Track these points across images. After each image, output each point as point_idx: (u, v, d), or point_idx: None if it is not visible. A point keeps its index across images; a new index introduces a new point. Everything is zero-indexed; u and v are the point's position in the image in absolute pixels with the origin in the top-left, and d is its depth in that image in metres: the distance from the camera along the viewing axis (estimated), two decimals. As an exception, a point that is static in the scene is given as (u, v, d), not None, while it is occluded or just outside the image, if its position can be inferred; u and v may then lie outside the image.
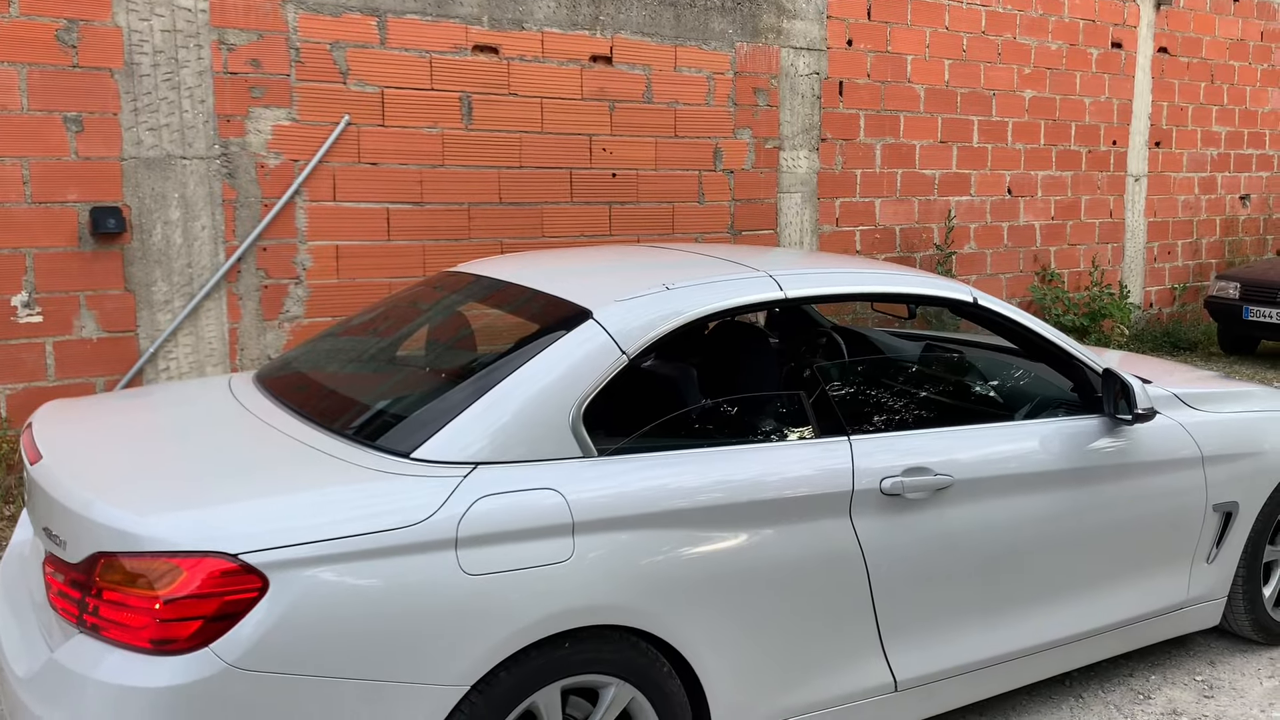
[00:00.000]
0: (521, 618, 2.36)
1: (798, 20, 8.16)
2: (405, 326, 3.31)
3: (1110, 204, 10.66)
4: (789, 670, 2.78)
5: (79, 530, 2.27)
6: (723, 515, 2.66)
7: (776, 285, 3.01)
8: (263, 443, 2.63)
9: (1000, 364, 3.58)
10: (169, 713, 2.11)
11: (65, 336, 5.71)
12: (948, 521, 3.00)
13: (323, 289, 6.41)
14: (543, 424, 2.56)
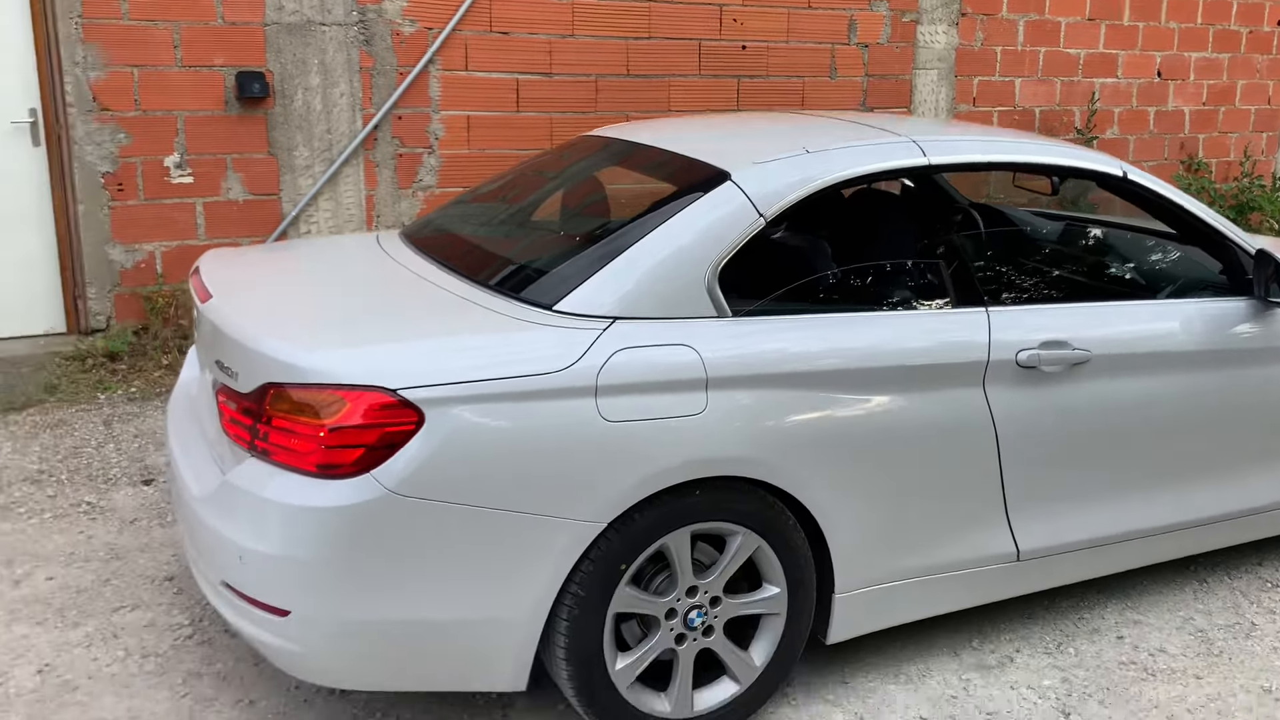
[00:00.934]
0: (656, 464, 2.45)
1: (943, -115, 7.76)
2: (543, 188, 3.38)
3: (1269, 90, 10.00)
4: (913, 533, 2.84)
5: (250, 363, 2.44)
6: (856, 379, 2.69)
7: (920, 151, 2.97)
8: (415, 291, 2.75)
9: (1144, 243, 3.47)
10: (334, 531, 2.28)
11: (214, 198, 5.96)
12: (1082, 397, 2.98)
13: (454, 159, 6.52)
14: (679, 283, 2.62)
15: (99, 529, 3.80)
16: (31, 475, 4.22)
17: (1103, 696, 2.94)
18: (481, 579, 2.37)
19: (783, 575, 2.68)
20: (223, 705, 2.83)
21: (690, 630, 2.63)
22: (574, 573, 2.43)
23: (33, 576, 3.46)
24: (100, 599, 3.34)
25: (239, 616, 2.45)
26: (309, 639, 2.36)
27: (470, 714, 2.80)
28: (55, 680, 2.92)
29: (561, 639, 2.47)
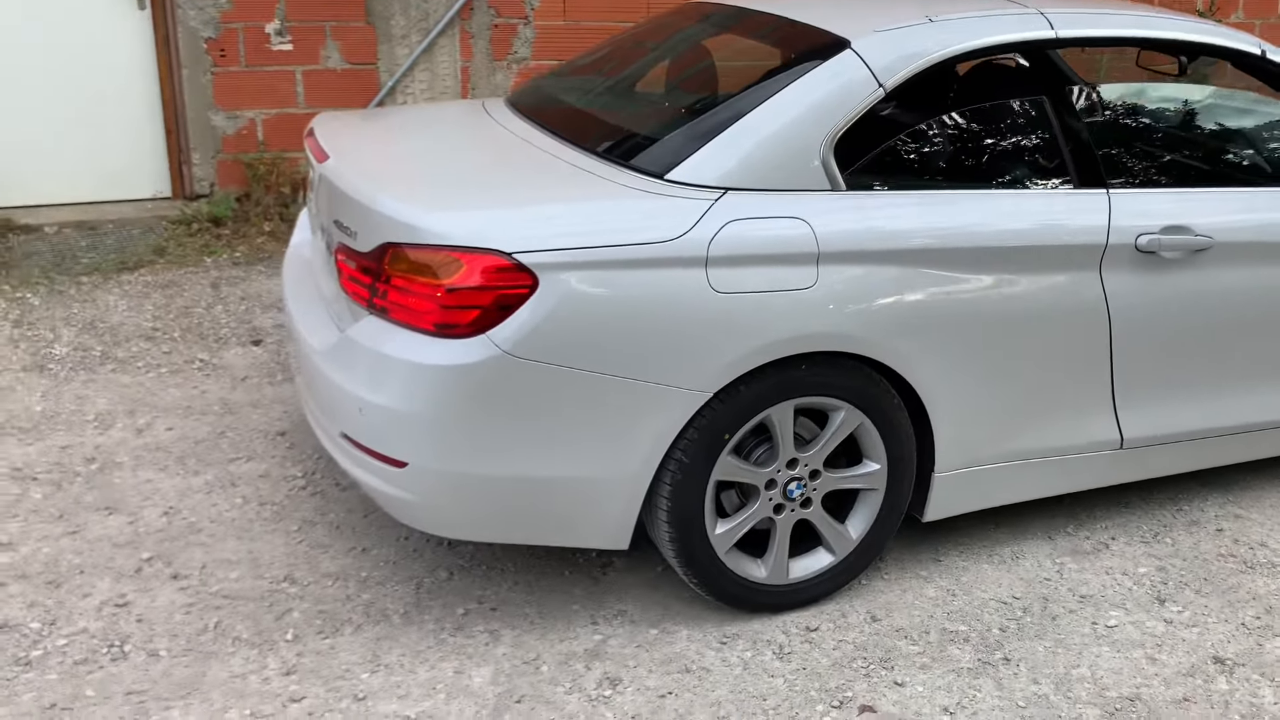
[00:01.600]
0: (763, 336, 2.46)
1: None
2: (649, 56, 3.33)
3: None
4: (1019, 416, 2.82)
5: (369, 222, 2.48)
6: (968, 258, 2.65)
7: (1048, 23, 2.85)
8: (526, 158, 2.76)
9: (1274, 126, 3.31)
10: (450, 388, 2.35)
11: (313, 66, 5.99)
12: (1202, 284, 2.90)
13: (549, 30, 6.43)
14: (793, 154, 2.58)
15: (212, 385, 3.96)
16: (146, 332, 4.39)
17: (1199, 586, 2.94)
18: (589, 440, 2.43)
19: (884, 451, 2.70)
20: (336, 552, 2.97)
21: (789, 501, 2.67)
22: (679, 439, 2.48)
23: (153, 426, 3.63)
24: (217, 450, 3.50)
25: (357, 466, 2.55)
26: (424, 489, 2.45)
27: (571, 570, 2.91)
28: (181, 522, 3.09)
29: (664, 502, 2.53)
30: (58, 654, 2.53)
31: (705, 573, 2.63)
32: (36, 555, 2.90)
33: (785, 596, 2.74)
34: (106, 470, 3.35)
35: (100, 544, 2.97)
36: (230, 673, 2.50)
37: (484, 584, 2.85)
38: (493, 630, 2.68)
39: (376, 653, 2.58)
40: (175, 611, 2.70)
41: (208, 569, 2.88)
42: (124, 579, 2.82)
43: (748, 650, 2.62)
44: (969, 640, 2.69)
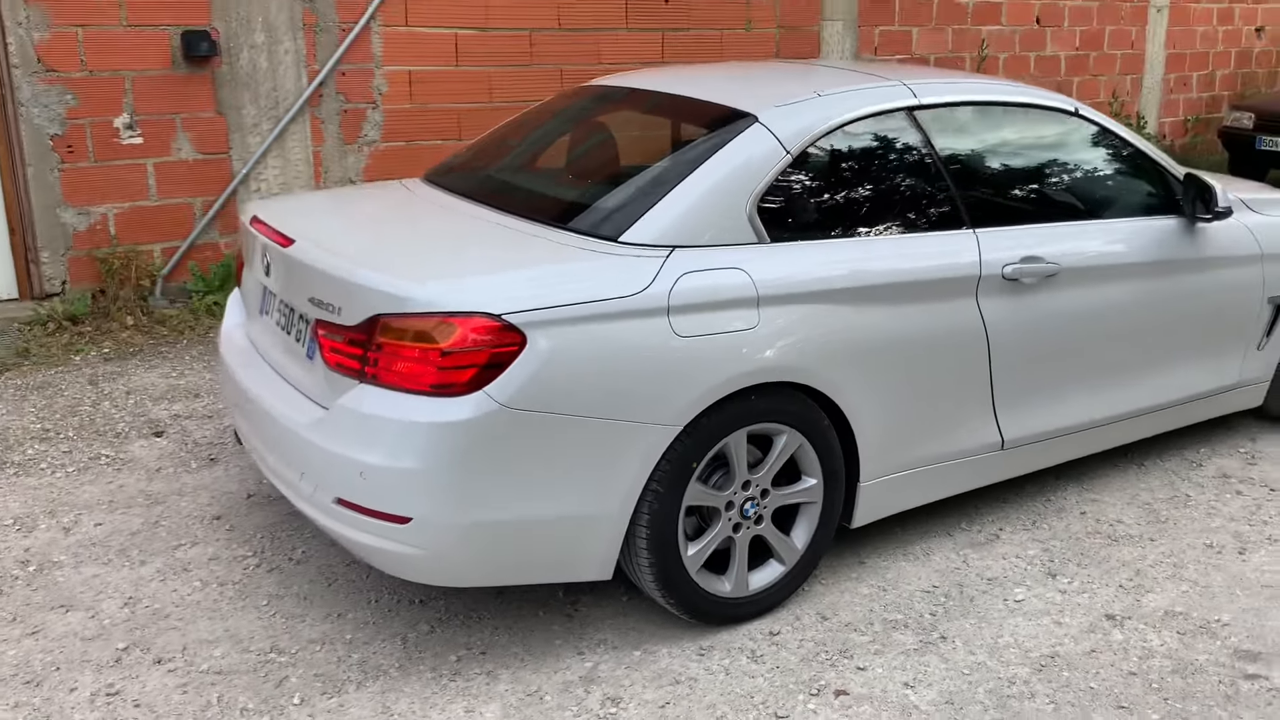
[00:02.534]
0: (721, 373, 2.79)
1: None
2: (571, 133, 3.65)
3: (1132, 35, 10.82)
4: (921, 427, 3.26)
5: (355, 297, 2.67)
6: (875, 294, 3.08)
7: (911, 93, 3.36)
8: (483, 230, 3.01)
9: (1095, 169, 3.90)
10: (453, 442, 2.55)
11: (164, 158, 5.97)
12: (1054, 304, 3.44)
13: (397, 113, 6.65)
14: (724, 213, 2.95)
15: (127, 478, 3.93)
16: (37, 434, 4.29)
17: (1079, 560, 3.44)
18: (580, 479, 2.68)
19: (819, 468, 3.06)
20: (313, 620, 3.07)
21: (745, 519, 2.99)
22: (655, 471, 2.76)
23: (80, 524, 3.60)
24: (156, 539, 3.51)
25: (353, 529, 2.70)
26: (428, 542, 2.63)
27: (544, 611, 3.12)
28: (145, 610, 3.10)
29: (644, 530, 2.80)
30: (64, 747, 2.54)
31: (681, 593, 2.90)
32: (2, 659, 2.86)
33: (747, 607, 3.05)
34: (45, 570, 3.31)
35: (68, 640, 2.95)
36: (249, 740, 2.57)
37: (467, 632, 3.02)
38: (489, 671, 2.85)
39: (385, 704, 2.71)
40: (171, 693, 2.74)
41: (189, 650, 2.92)
42: (106, 669, 2.83)
43: (725, 658, 2.91)
44: (908, 625, 3.07)
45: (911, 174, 3.30)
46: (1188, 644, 3.00)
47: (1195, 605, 3.19)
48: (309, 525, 3.60)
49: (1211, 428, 4.46)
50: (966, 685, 2.80)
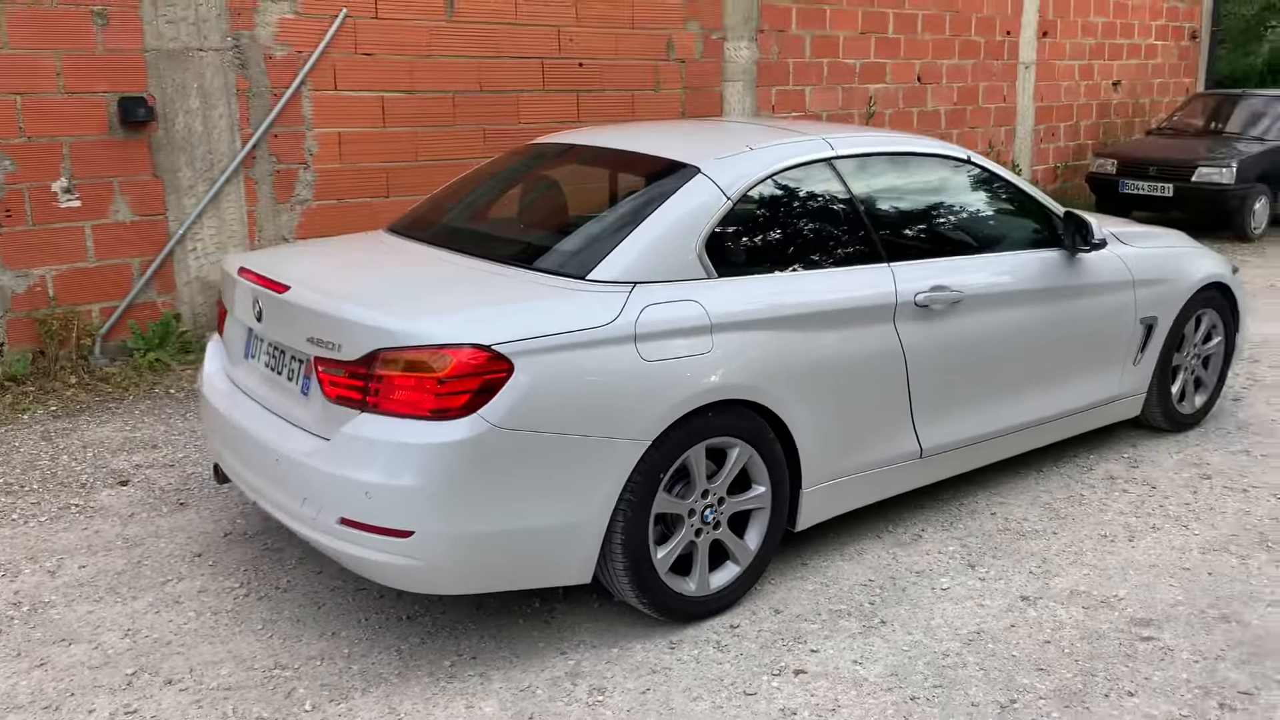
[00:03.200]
0: (682, 392, 3.15)
1: (738, -83, 8.79)
2: (529, 185, 4.01)
3: (1004, 90, 11.71)
4: (851, 439, 3.66)
5: (355, 335, 2.95)
6: (809, 320, 3.49)
7: (829, 145, 3.82)
8: (461, 272, 3.33)
9: (989, 208, 4.40)
10: (452, 460, 2.84)
11: (102, 220, 6.12)
12: (960, 327, 3.91)
13: (328, 173, 6.92)
14: (677, 252, 3.33)
15: (102, 525, 4.09)
16: (1, 488, 4.40)
17: (993, 553, 3.88)
18: (564, 491, 3.00)
19: (768, 477, 3.44)
20: (309, 639, 3.30)
21: (705, 525, 3.34)
22: (628, 482, 3.09)
23: (64, 567, 3.75)
24: (142, 577, 3.68)
25: (355, 545, 2.96)
26: (429, 553, 2.91)
27: (523, 619, 3.40)
28: (145, 639, 3.29)
29: (619, 536, 3.12)
30: (96, 759, 2.72)
31: (652, 592, 3.23)
32: (17, 689, 3.03)
33: (709, 604, 3.39)
34: (39, 610, 3.46)
35: (76, 669, 3.13)
36: (271, 743, 2.80)
37: (455, 641, 3.29)
38: (481, 673, 3.12)
39: (391, 705, 2.96)
40: (187, 709, 2.94)
41: (196, 671, 3.12)
42: (119, 692, 3.02)
43: (694, 649, 3.24)
44: (851, 614, 3.45)
45: (834, 216, 3.74)
46: (1091, 616, 3.44)
47: (1095, 584, 3.65)
48: (290, 557, 3.82)
49: (1098, 437, 5.00)
50: (907, 660, 3.19)
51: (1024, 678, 3.09)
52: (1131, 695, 3.01)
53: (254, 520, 4.13)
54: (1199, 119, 12.40)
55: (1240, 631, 3.34)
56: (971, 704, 2.97)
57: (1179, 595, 3.57)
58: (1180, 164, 10.92)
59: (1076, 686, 3.05)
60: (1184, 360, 5.03)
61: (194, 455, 4.83)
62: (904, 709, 2.94)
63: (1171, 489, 4.47)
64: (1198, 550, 3.91)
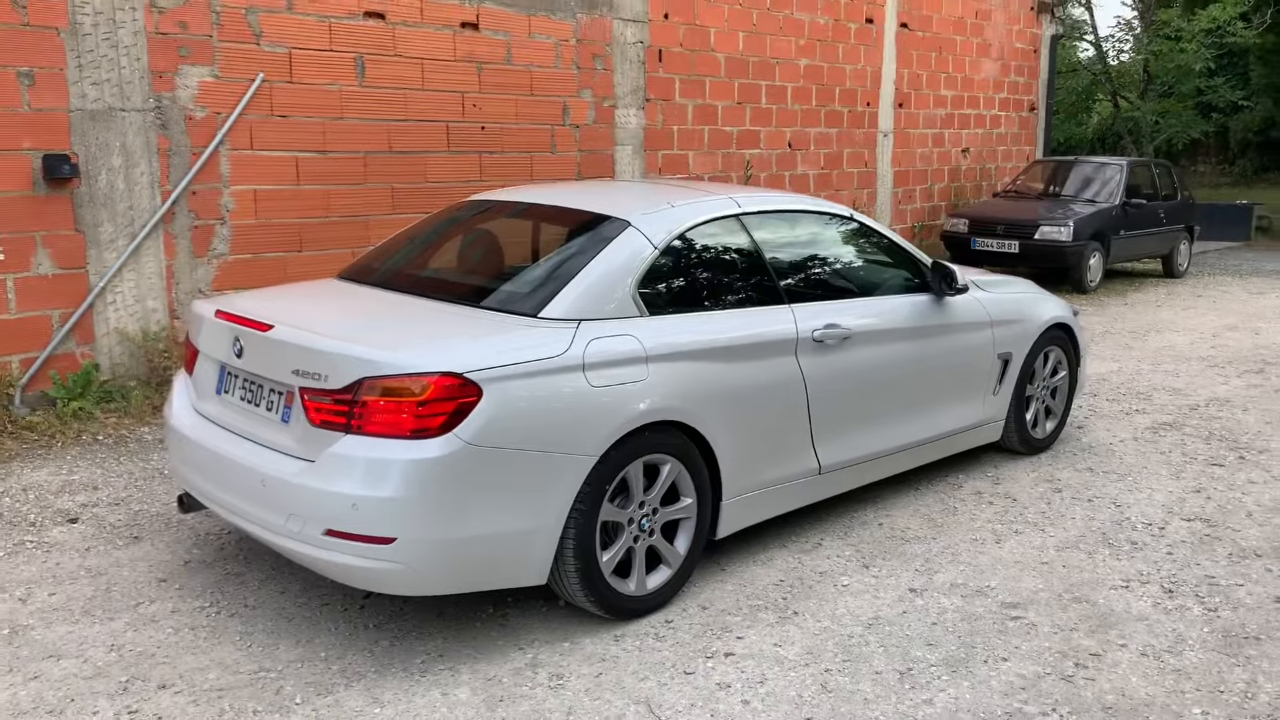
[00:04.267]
0: (624, 414, 3.63)
1: (626, -5, 9.49)
2: (466, 236, 4.46)
3: (865, 156, 12.71)
4: (762, 457, 4.20)
5: (340, 366, 3.35)
6: (725, 353, 4.03)
7: (736, 204, 4.41)
8: (427, 312, 3.76)
9: (871, 258, 5.05)
10: (431, 474, 3.25)
11: (25, 273, 6.27)
12: (850, 360, 4.52)
13: (244, 228, 7.20)
14: (615, 294, 3.84)
15: (61, 557, 4.30)
16: (-50, 528, 4.56)
17: (884, 555, 4.46)
18: (525, 500, 3.43)
19: (694, 489, 3.94)
20: (287, 645, 3.62)
21: (642, 532, 3.82)
22: (579, 493, 3.55)
23: (34, 595, 3.96)
24: (114, 600, 3.93)
25: (339, 553, 3.32)
26: (409, 557, 3.30)
27: (481, 622, 3.80)
28: (131, 652, 3.56)
29: (571, 542, 3.56)
30: (110, 751, 3.00)
31: (599, 592, 3.67)
32: (18, 698, 3.27)
33: (646, 602, 3.85)
34: (20, 632, 3.68)
35: (70, 680, 3.38)
36: (271, 730, 3.12)
37: (422, 643, 3.66)
38: (450, 667, 3.51)
39: (374, 696, 3.32)
40: (185, 707, 3.24)
41: (186, 676, 3.41)
42: (117, 697, 3.29)
43: (636, 640, 3.69)
44: (768, 608, 3.96)
45: (743, 263, 4.32)
46: (969, 602, 4.04)
47: (971, 578, 4.25)
48: (252, 580, 4.13)
49: (965, 459, 5.68)
50: (818, 641, 3.71)
51: (917, 651, 3.65)
52: (1005, 660, 3.59)
53: (209, 550, 4.41)
54: (1039, 182, 13.67)
55: (1090, 609, 3.99)
56: (875, 672, 3.50)
57: (1040, 584, 4.21)
58: (1024, 223, 12.05)
59: (960, 655, 3.62)
60: (1035, 391, 5.78)
61: (137, 494, 5.05)
62: (820, 679, 3.46)
63: (1029, 500, 5.15)
64: (1054, 548, 4.57)
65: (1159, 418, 6.72)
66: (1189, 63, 19.45)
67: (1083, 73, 23.60)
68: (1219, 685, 3.44)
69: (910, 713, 3.26)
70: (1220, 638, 3.76)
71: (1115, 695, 3.37)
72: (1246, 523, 4.89)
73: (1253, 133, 26.75)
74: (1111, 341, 9.38)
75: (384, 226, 7.83)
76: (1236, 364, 8.43)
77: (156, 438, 5.98)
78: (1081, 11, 22.48)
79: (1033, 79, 15.56)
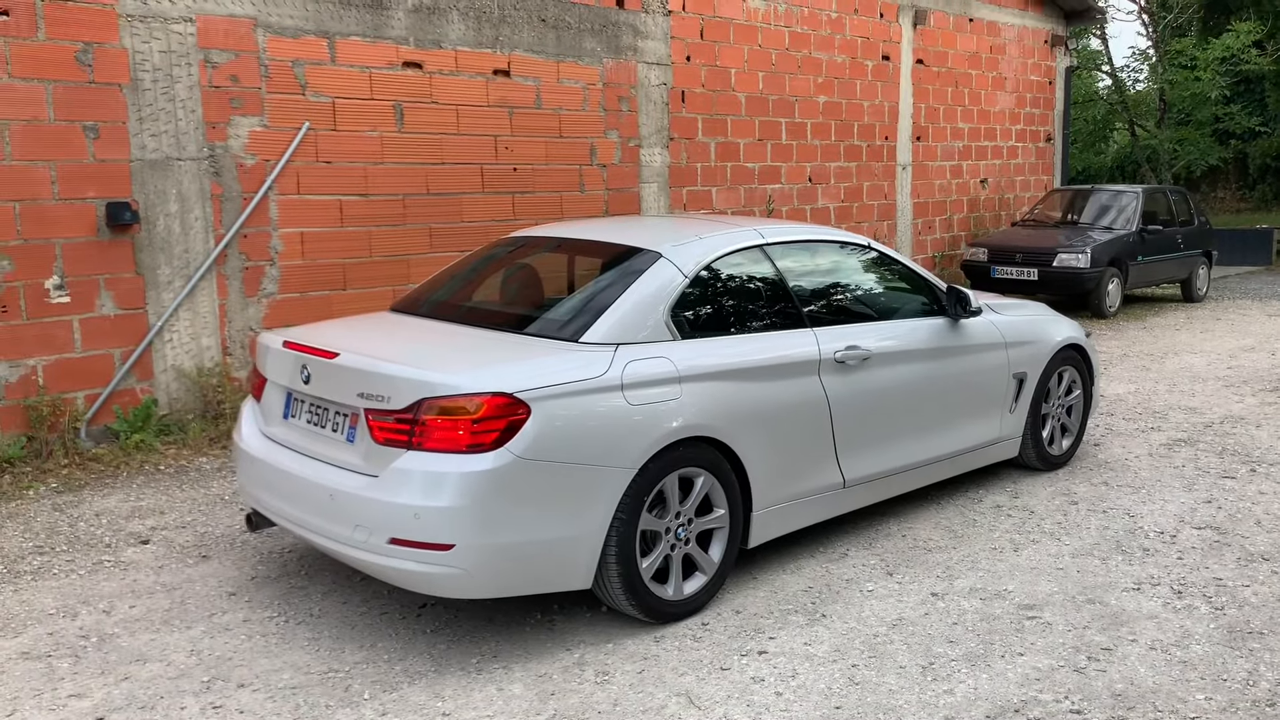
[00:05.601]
0: (660, 430, 3.93)
1: (649, 40, 9.89)
2: (508, 270, 4.79)
3: (885, 188, 13.02)
4: (789, 471, 4.48)
5: (401, 388, 3.66)
6: (753, 373, 4.32)
7: (760, 235, 4.72)
8: (475, 339, 4.08)
9: (890, 284, 5.35)
10: (486, 485, 3.55)
11: (89, 314, 6.67)
12: (870, 380, 4.80)
13: (291, 269, 7.58)
14: (649, 319, 4.14)
15: (137, 575, 4.63)
16: (32, 550, 4.90)
17: (907, 564, 4.72)
18: (572, 509, 3.72)
19: (725, 501, 4.22)
20: (351, 650, 3.91)
21: (678, 541, 4.10)
22: (620, 503, 3.84)
23: (116, 609, 4.28)
24: (189, 612, 4.25)
25: (405, 560, 3.62)
26: (467, 562, 3.59)
27: (530, 626, 4.08)
28: (210, 656, 3.86)
29: (613, 549, 3.85)
30: (200, 740, 3.30)
31: (639, 596, 3.95)
32: (111, 697, 3.58)
33: (683, 607, 4.12)
34: (106, 641, 4.00)
35: (157, 680, 3.69)
36: (343, 722, 3.42)
37: (476, 645, 3.94)
38: (504, 666, 3.79)
39: (436, 691, 3.60)
40: (264, 703, 3.54)
41: (261, 677, 3.71)
42: (201, 694, 3.59)
43: (675, 641, 3.96)
44: (799, 611, 4.22)
45: (767, 290, 4.62)
46: (988, 604, 4.28)
47: (989, 583, 4.50)
48: (315, 592, 4.43)
49: (984, 475, 5.93)
50: (846, 640, 3.97)
51: (938, 648, 3.90)
52: (1021, 655, 3.84)
53: (274, 566, 4.72)
54: (1057, 211, 13.92)
55: (1102, 609, 4.22)
56: (900, 666, 3.76)
57: (1055, 587, 4.45)
58: (1042, 251, 12.31)
59: (979, 651, 3.87)
60: (1051, 409, 6.03)
61: (201, 518, 5.38)
62: (848, 673, 3.71)
63: (1046, 512, 5.40)
64: (1069, 555, 4.81)
65: (1174, 435, 6.94)
66: (1204, 90, 19.71)
67: (1099, 102, 23.89)
68: (1222, 675, 3.67)
69: (932, 701, 3.50)
70: (1225, 633, 3.99)
71: (1124, 684, 3.60)
72: (1255, 530, 5.10)
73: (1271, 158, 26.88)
74: (1129, 364, 9.59)
75: (423, 265, 8.20)
76: (1252, 383, 8.63)
77: (215, 467, 6.32)
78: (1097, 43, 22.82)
79: (1048, 110, 15.86)
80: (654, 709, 3.47)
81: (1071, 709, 3.44)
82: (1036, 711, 3.42)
